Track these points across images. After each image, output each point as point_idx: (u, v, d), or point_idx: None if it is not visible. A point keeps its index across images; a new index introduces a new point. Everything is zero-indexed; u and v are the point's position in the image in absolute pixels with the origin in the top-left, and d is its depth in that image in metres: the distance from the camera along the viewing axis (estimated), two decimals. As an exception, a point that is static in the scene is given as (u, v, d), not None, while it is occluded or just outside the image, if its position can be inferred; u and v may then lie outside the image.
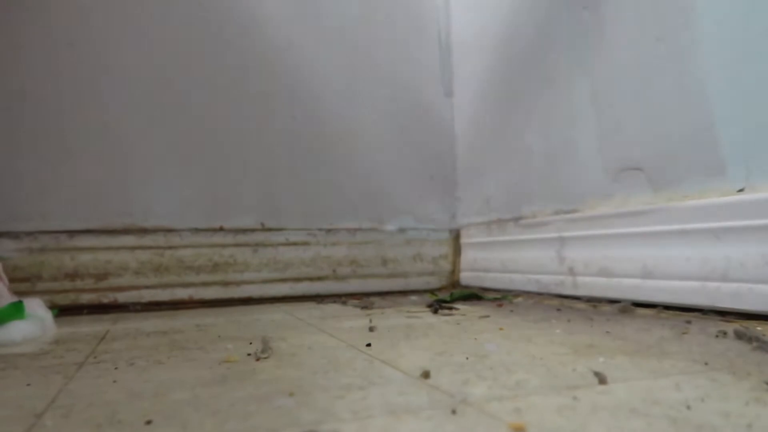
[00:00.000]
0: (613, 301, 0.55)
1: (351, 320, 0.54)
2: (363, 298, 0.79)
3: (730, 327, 0.38)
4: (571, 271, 0.63)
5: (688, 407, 0.21)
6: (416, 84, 0.92)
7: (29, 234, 0.71)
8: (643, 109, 0.57)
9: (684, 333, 0.38)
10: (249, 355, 0.36)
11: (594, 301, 0.57)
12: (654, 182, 0.56)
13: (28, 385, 0.30)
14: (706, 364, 0.29)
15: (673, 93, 0.54)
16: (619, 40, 0.60)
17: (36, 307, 0.50)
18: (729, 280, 0.45)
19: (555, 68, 0.70)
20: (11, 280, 0.68)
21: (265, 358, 0.35)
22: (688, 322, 0.43)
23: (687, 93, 0.52)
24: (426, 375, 0.28)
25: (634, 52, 0.58)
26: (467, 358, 0.32)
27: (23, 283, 0.70)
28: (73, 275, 0.72)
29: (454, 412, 0.22)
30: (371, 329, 0.46)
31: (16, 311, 0.45)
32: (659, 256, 0.52)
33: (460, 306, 0.60)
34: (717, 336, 0.36)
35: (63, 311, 0.70)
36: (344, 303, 0.74)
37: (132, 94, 0.77)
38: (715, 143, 0.50)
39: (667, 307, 0.50)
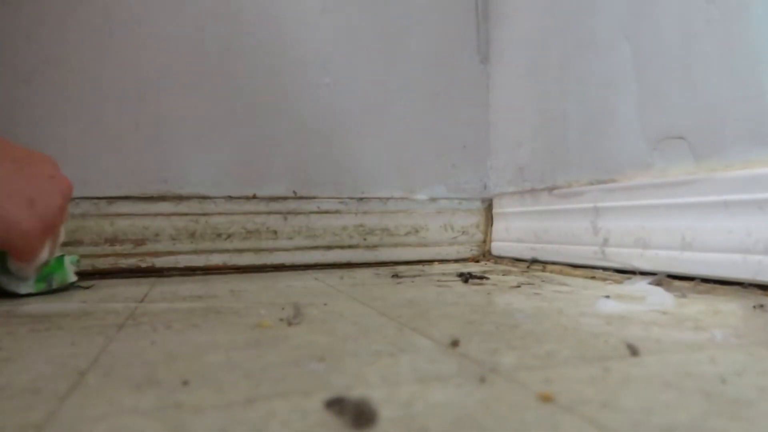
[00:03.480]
0: (647, 273, 0.54)
1: (381, 288, 0.54)
2: (393, 267, 0.79)
3: (771, 301, 0.37)
4: (606, 242, 0.62)
5: (723, 381, 0.21)
6: (451, 51, 0.90)
7: (71, 200, 0.73)
8: (688, 75, 0.55)
9: (721, 306, 0.37)
10: (281, 320, 0.37)
11: (628, 273, 0.56)
12: (696, 151, 0.54)
13: (72, 344, 0.31)
14: (743, 338, 0.28)
15: (721, 58, 0.51)
16: (664, 1, 0.57)
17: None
18: (772, 254, 0.43)
19: (594, 33, 0.67)
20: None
21: (297, 323, 0.35)
22: (727, 295, 0.42)
23: (736, 58, 0.50)
24: (455, 343, 0.28)
25: (681, 14, 0.55)
26: (497, 328, 0.32)
27: (65, 247, 0.72)
28: (112, 240, 0.74)
29: (482, 380, 0.22)
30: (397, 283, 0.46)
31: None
32: (699, 227, 0.50)
33: (491, 276, 0.60)
34: (756, 309, 0.35)
35: (103, 275, 0.73)
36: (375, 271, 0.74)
37: (168, 64, 0.77)
38: (763, 111, 0.48)
39: (705, 280, 0.49)
